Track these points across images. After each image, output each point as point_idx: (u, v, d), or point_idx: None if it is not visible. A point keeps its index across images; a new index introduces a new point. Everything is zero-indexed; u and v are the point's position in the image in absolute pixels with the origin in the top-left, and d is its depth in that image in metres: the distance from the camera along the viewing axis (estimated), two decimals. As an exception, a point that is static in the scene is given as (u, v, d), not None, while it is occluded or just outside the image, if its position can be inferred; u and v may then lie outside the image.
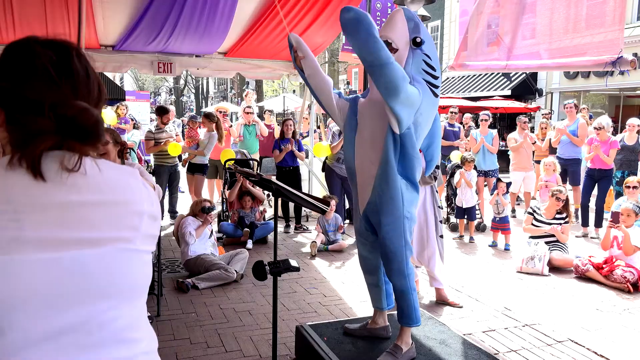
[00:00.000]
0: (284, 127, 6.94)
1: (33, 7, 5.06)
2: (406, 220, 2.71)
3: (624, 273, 4.76)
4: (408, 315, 2.81)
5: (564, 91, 16.67)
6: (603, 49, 3.62)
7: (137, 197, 0.97)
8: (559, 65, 4.40)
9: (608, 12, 3.70)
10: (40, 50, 0.89)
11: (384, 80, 2.43)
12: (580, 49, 3.87)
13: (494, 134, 8.00)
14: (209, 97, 44.53)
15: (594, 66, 3.78)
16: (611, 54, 3.52)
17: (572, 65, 4.31)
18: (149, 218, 0.98)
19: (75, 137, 0.88)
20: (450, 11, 21.11)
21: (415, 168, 2.70)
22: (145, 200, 0.98)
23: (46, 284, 0.85)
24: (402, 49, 2.65)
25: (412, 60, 2.65)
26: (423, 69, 2.66)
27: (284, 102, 21.07)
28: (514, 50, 4.37)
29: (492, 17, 4.67)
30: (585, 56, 3.79)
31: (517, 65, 4.58)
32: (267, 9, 5.81)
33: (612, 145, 6.79)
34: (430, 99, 2.66)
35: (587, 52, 3.78)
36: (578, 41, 3.91)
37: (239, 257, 5.04)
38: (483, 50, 4.73)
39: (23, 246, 0.83)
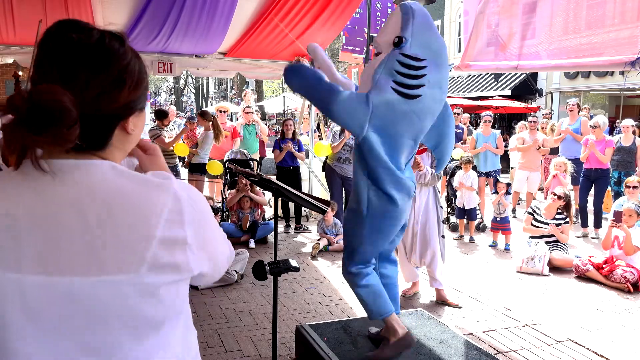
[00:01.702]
0: (284, 127, 6.95)
1: (32, 6, 5.06)
2: (367, 227, 2.67)
3: (624, 273, 4.76)
4: (366, 312, 2.86)
5: (564, 91, 16.67)
6: (620, 48, 3.52)
7: (147, 218, 0.83)
8: (575, 65, 4.31)
9: (625, 9, 3.62)
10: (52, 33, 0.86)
11: (317, 106, 2.60)
12: (596, 48, 3.76)
13: (498, 135, 7.99)
14: (209, 97, 44.52)
15: (611, 66, 3.71)
16: (629, 54, 3.43)
17: (588, 65, 4.21)
18: (161, 244, 0.83)
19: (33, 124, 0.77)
20: (450, 11, 21.10)
21: (380, 179, 2.57)
22: (160, 222, 0.84)
23: (40, 309, 0.80)
24: (385, 51, 2.55)
25: (384, 63, 2.51)
26: (396, 71, 2.47)
27: (284, 102, 21.08)
28: (524, 50, 4.32)
29: (498, 17, 4.64)
30: (602, 56, 3.70)
31: (530, 66, 4.51)
32: (267, 9, 5.81)
33: (607, 145, 6.80)
34: (394, 104, 2.48)
35: (604, 52, 3.69)
36: (592, 39, 3.81)
37: (239, 257, 5.04)
38: (489, 50, 4.71)
39: (21, 266, 0.80)
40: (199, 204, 0.91)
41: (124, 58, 0.88)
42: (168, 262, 0.85)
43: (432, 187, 4.28)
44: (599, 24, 3.78)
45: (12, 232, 0.80)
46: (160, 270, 0.84)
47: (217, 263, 0.98)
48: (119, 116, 0.89)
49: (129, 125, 0.91)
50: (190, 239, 0.87)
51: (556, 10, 4.14)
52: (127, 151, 0.98)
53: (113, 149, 0.92)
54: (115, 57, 0.87)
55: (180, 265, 0.87)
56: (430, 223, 4.25)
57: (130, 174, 0.88)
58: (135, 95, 0.90)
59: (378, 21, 9.68)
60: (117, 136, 0.91)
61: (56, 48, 0.84)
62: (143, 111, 0.95)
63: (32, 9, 5.09)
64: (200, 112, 7.32)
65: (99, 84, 0.84)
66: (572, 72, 15.61)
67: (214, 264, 0.97)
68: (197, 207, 0.90)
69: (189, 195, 0.89)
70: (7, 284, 0.80)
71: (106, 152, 0.90)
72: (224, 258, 1.03)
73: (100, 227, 0.81)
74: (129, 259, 0.82)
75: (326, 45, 7.60)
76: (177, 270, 0.87)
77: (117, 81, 0.86)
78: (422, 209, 4.27)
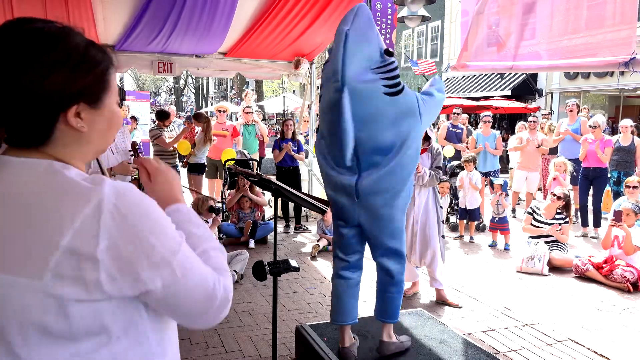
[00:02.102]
0: (284, 127, 6.95)
1: (33, 6, 5.05)
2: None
3: (624, 273, 4.76)
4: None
5: (564, 91, 16.67)
6: (615, 49, 3.54)
7: (58, 225, 0.78)
8: (569, 66, 4.35)
9: (619, 10, 3.64)
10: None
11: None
12: (591, 48, 3.78)
13: (497, 135, 8.01)
14: (209, 97, 44.53)
15: (606, 67, 3.72)
16: (624, 55, 3.46)
17: (583, 66, 4.23)
18: (66, 255, 0.77)
19: None
20: (451, 11, 21.11)
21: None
22: (69, 231, 0.77)
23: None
24: None
25: None
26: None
27: (284, 102, 21.08)
28: (520, 50, 4.33)
29: (496, 18, 4.64)
30: (596, 57, 3.72)
31: (525, 66, 4.53)
32: (267, 9, 5.81)
33: (606, 144, 6.80)
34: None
35: (598, 52, 3.70)
36: (587, 40, 3.83)
37: (239, 257, 5.04)
38: (486, 51, 4.71)
39: None
40: (130, 217, 0.81)
41: (63, 39, 0.84)
42: (73, 275, 0.78)
43: (431, 187, 4.28)
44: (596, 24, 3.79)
45: None
46: (65, 283, 0.78)
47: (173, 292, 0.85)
48: (55, 104, 0.83)
49: (71, 120, 0.85)
50: (102, 255, 0.78)
51: (554, 11, 4.14)
52: (88, 153, 0.92)
53: (63, 148, 0.87)
54: (52, 37, 0.83)
55: (88, 283, 0.78)
56: (430, 223, 4.25)
57: (61, 177, 0.82)
58: (76, 81, 0.84)
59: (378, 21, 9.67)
60: (64, 132, 0.86)
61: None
62: (99, 110, 0.89)
63: (32, 9, 5.08)
64: (195, 115, 7.39)
65: (29, 63, 0.80)
66: (572, 73, 15.61)
67: (162, 294, 0.84)
68: (126, 220, 0.80)
69: (120, 206, 0.80)
70: None
71: (53, 149, 0.86)
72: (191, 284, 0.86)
73: (12, 227, 0.79)
74: (32, 263, 0.78)
75: (326, 45, 7.60)
76: (84, 287, 0.78)
77: (52, 62, 0.81)
78: (421, 209, 4.28)
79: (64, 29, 0.86)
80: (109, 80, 0.90)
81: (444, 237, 4.37)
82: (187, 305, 0.88)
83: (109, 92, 0.91)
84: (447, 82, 20.72)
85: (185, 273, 0.86)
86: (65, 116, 0.84)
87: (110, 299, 0.82)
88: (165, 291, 0.84)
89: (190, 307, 0.88)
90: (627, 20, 3.55)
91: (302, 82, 8.13)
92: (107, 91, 0.90)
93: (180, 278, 0.85)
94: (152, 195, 0.96)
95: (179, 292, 0.86)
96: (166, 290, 0.84)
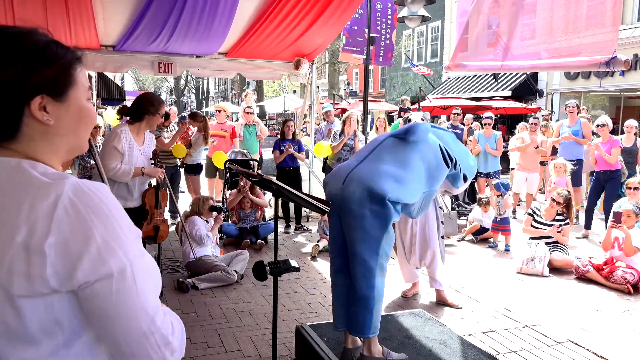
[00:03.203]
0: (284, 128, 6.93)
1: (33, 7, 5.06)
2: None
3: (624, 274, 4.75)
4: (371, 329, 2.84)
5: (564, 92, 16.67)
6: (598, 50, 3.61)
7: (14, 221, 0.79)
8: (553, 66, 4.41)
9: (605, 12, 3.69)
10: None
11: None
12: (575, 49, 3.86)
13: (498, 136, 8.01)
14: (209, 97, 44.55)
15: (588, 66, 3.78)
16: (605, 54, 3.52)
17: (566, 66, 4.31)
18: (21, 250, 0.78)
19: None
20: (451, 11, 21.12)
21: None
22: (24, 227, 0.78)
23: None
24: None
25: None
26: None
27: (284, 102, 21.09)
28: (512, 51, 4.37)
29: (491, 18, 4.66)
30: (579, 56, 3.79)
31: (512, 66, 4.58)
32: (267, 10, 5.81)
33: (613, 144, 6.76)
34: None
35: (581, 52, 3.77)
36: (574, 42, 3.90)
37: (240, 257, 5.04)
38: (482, 51, 4.73)
39: None
40: (85, 214, 0.81)
41: (20, 37, 0.86)
42: (24, 270, 0.78)
43: None
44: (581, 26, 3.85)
45: None
46: (16, 278, 0.78)
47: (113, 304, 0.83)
48: (14, 97, 0.85)
49: (36, 112, 0.87)
50: (49, 249, 0.78)
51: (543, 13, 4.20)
52: (60, 149, 0.93)
53: (31, 143, 0.89)
54: (8, 36, 0.86)
55: (35, 277, 0.79)
56: (430, 224, 4.25)
57: (25, 174, 0.84)
58: (34, 74, 0.86)
59: (378, 21, 9.68)
60: (31, 127, 0.88)
61: None
62: (65, 103, 0.91)
63: (33, 9, 5.08)
64: (191, 114, 7.36)
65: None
66: (572, 73, 15.60)
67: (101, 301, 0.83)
68: (80, 216, 0.81)
69: (76, 202, 0.81)
70: None
71: (22, 145, 0.88)
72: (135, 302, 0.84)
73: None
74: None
75: (326, 45, 7.61)
76: (31, 282, 0.79)
77: (6, 58, 0.84)
78: None
79: (25, 30, 0.88)
80: (74, 75, 0.92)
81: (444, 237, 4.37)
82: (121, 327, 0.84)
83: (75, 87, 0.92)
84: (447, 82, 20.73)
85: (134, 286, 0.84)
86: (29, 109, 0.86)
87: (60, 294, 0.82)
88: (105, 300, 0.82)
89: (123, 332, 0.85)
90: (605, 23, 3.61)
91: (303, 83, 8.13)
92: (73, 86, 0.92)
93: (128, 288, 0.83)
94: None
95: (120, 304, 0.83)
96: (106, 299, 0.82)
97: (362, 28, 9.21)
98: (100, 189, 0.86)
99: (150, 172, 3.81)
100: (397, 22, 9.59)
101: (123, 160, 3.64)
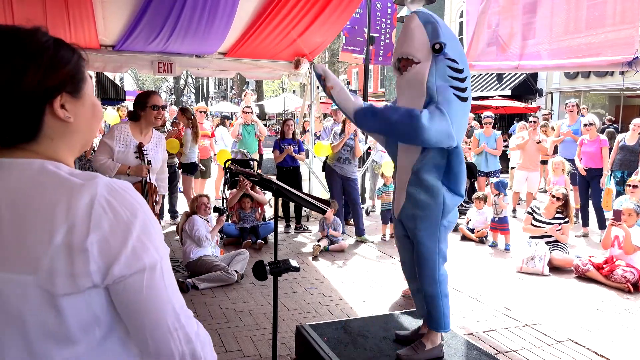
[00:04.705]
0: (284, 127, 6.92)
1: (32, 6, 5.05)
2: (442, 228, 2.73)
3: (624, 273, 4.75)
4: (436, 320, 2.82)
5: (564, 91, 16.67)
6: (618, 49, 3.54)
7: (51, 221, 0.80)
8: (574, 65, 4.33)
9: (622, 9, 3.63)
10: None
11: (405, 140, 2.60)
12: (594, 48, 3.79)
13: (498, 135, 8.02)
14: (209, 97, 44.54)
15: (609, 66, 3.72)
16: (626, 54, 3.46)
17: (586, 65, 4.23)
18: (62, 249, 0.80)
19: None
20: (450, 11, 21.12)
21: (460, 182, 2.69)
22: (63, 227, 0.80)
23: None
24: (424, 59, 2.56)
25: (435, 70, 2.54)
26: (449, 76, 2.56)
27: (284, 102, 21.09)
28: (526, 50, 4.33)
29: (500, 17, 4.63)
30: (600, 56, 3.72)
31: (530, 66, 4.53)
32: (267, 9, 5.81)
33: (602, 144, 6.78)
34: (459, 106, 2.57)
35: (601, 52, 3.70)
36: (589, 40, 3.83)
37: (240, 257, 5.04)
38: (491, 50, 4.71)
39: None
40: (121, 213, 0.84)
41: (37, 36, 0.88)
42: (66, 269, 0.80)
43: None
44: (598, 24, 3.79)
45: None
46: (58, 277, 0.80)
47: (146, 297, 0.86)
48: (38, 96, 0.86)
49: (58, 111, 0.88)
50: (92, 247, 0.81)
51: (556, 11, 4.14)
52: (76, 146, 0.95)
53: (51, 143, 0.90)
54: (26, 34, 0.87)
55: (78, 275, 0.81)
56: None
57: (54, 176, 0.85)
58: (56, 74, 0.87)
59: (378, 21, 9.67)
60: (52, 126, 0.89)
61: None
62: (81, 99, 0.93)
63: (32, 9, 5.08)
64: (181, 108, 7.32)
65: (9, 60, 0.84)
66: (572, 73, 15.61)
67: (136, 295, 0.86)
68: (118, 215, 0.84)
69: (112, 201, 0.84)
70: None
71: (42, 145, 0.89)
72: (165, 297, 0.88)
73: (8, 227, 0.81)
74: (29, 262, 0.80)
75: (326, 45, 7.60)
76: (75, 280, 0.81)
77: (30, 56, 0.85)
78: None
79: (36, 29, 0.89)
80: (84, 71, 0.94)
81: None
82: (149, 322, 0.87)
83: (87, 83, 0.95)
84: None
85: (162, 281, 0.88)
86: (51, 108, 0.87)
87: (98, 289, 0.85)
88: (136, 294, 0.86)
89: (151, 326, 0.88)
90: (629, 19, 3.55)
91: (302, 82, 8.12)
92: (85, 82, 0.94)
93: (157, 282, 0.87)
94: None
95: (150, 298, 0.86)
96: (137, 293, 0.86)
97: (362, 28, 9.21)
98: (129, 188, 0.89)
99: (135, 171, 3.79)
100: (396, 21, 9.59)
101: (114, 156, 3.73)
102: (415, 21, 2.59)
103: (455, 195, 2.71)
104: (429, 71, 2.55)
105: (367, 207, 8.09)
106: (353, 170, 6.59)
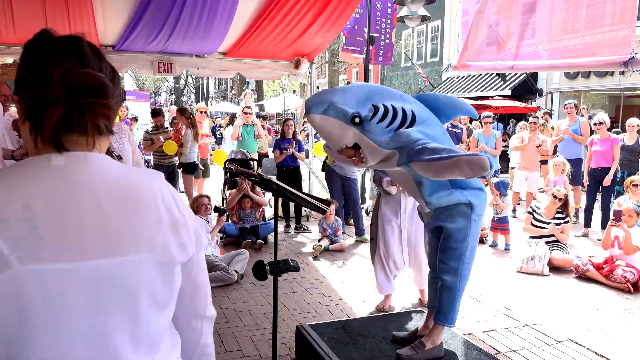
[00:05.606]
0: (284, 127, 6.92)
1: (33, 6, 5.05)
2: (473, 222, 2.72)
3: (624, 273, 4.75)
4: (445, 314, 2.82)
5: (564, 91, 16.67)
6: (614, 49, 3.53)
7: (153, 202, 0.93)
8: (569, 65, 4.33)
9: (618, 9, 3.63)
10: (53, 39, 0.91)
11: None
12: (590, 48, 3.78)
13: (498, 135, 8.01)
14: (209, 97, 44.53)
15: (605, 66, 3.71)
16: (623, 54, 3.45)
17: (582, 65, 4.21)
18: (170, 226, 0.93)
19: (80, 95, 0.86)
20: (450, 11, 21.11)
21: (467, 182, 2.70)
22: (164, 206, 0.93)
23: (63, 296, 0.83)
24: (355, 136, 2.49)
25: (371, 133, 2.46)
26: (384, 127, 2.47)
27: (284, 102, 21.07)
28: (521, 50, 4.32)
29: (496, 17, 4.63)
30: (595, 56, 3.71)
31: (525, 66, 4.52)
32: (267, 9, 5.81)
33: (614, 142, 6.75)
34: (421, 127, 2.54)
35: (597, 52, 3.69)
36: (587, 40, 3.81)
37: (240, 257, 5.04)
38: (487, 50, 4.70)
39: (40, 256, 0.82)
40: (182, 200, 1.00)
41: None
42: (176, 242, 0.93)
43: None
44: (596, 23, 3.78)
45: (30, 223, 0.83)
46: (172, 249, 0.93)
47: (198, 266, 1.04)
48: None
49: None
50: (189, 220, 0.97)
51: (556, 10, 4.13)
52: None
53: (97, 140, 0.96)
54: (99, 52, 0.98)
55: (186, 245, 0.95)
56: (417, 227, 4.11)
57: (123, 165, 0.96)
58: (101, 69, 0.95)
59: (378, 21, 9.68)
60: None
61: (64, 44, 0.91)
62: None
63: (32, 9, 5.08)
64: (179, 109, 7.31)
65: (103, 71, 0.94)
66: (572, 72, 15.60)
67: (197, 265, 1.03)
68: (182, 201, 1.01)
69: (173, 189, 0.99)
70: (27, 276, 0.81)
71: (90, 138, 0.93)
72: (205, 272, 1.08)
73: (114, 213, 0.88)
74: (146, 241, 0.90)
75: (326, 45, 7.60)
76: (184, 250, 0.95)
77: (113, 71, 0.97)
78: (407, 212, 4.15)
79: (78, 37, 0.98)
80: None
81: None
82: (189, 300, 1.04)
83: None
84: (447, 82, 20.72)
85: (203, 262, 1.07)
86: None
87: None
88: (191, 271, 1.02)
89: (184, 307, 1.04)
90: (626, 19, 3.54)
91: (302, 82, 8.13)
92: None
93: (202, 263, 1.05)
94: None
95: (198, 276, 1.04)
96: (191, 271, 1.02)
97: (362, 28, 9.21)
98: None
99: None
100: (396, 21, 9.59)
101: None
102: (316, 119, 2.45)
103: (473, 190, 2.70)
104: (368, 138, 2.47)
105: (367, 207, 8.09)
106: (353, 170, 6.59)
